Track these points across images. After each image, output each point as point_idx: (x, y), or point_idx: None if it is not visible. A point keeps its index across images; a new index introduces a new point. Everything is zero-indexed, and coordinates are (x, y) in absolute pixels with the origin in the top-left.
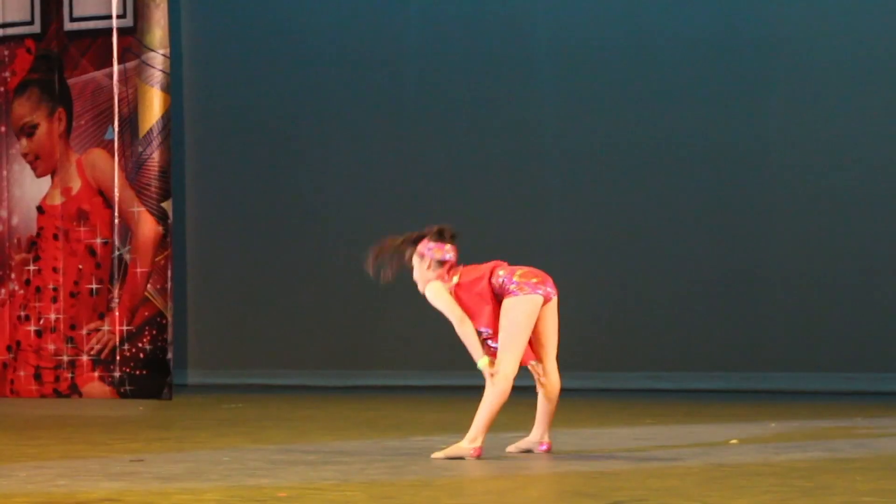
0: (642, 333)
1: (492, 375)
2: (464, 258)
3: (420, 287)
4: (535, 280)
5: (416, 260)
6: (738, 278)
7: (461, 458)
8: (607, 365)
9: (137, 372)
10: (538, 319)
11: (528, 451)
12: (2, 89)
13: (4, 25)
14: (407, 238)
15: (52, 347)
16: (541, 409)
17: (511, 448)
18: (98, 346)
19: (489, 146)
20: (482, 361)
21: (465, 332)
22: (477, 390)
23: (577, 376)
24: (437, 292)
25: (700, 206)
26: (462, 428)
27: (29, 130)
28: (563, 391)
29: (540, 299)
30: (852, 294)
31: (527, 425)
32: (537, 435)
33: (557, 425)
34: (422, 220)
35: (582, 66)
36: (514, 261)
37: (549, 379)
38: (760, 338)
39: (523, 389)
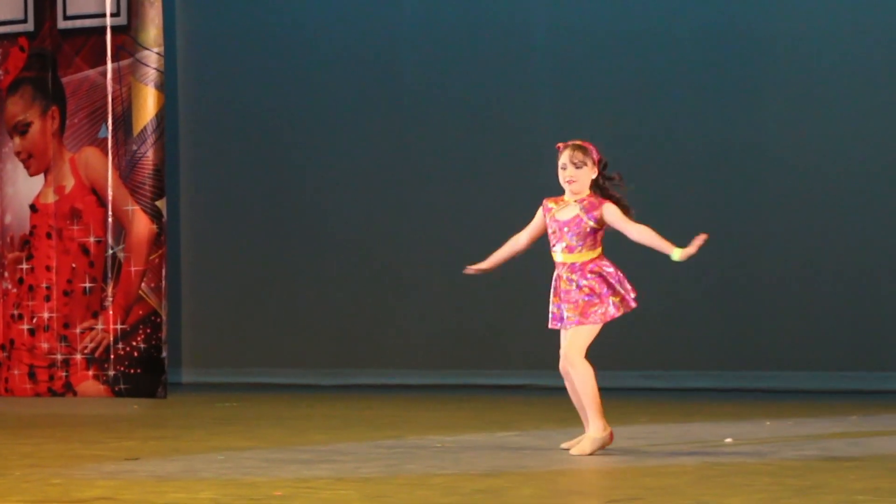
0: (637, 332)
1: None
2: (462, 257)
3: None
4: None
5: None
6: (732, 277)
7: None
8: (602, 363)
9: (132, 371)
10: None
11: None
12: None
13: None
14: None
15: (45, 346)
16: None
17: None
18: (92, 345)
19: (487, 145)
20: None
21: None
22: (474, 389)
23: None
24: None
25: (696, 204)
26: (460, 426)
27: (22, 129)
28: (557, 390)
29: None
30: (848, 293)
31: (522, 423)
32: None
33: (552, 424)
34: (419, 218)
35: (579, 65)
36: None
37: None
38: (756, 336)
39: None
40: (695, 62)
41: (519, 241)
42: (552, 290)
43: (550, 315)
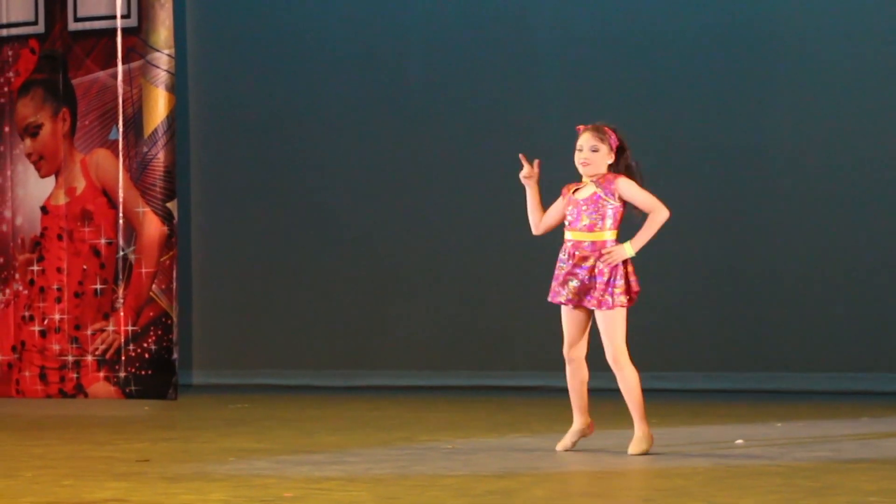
0: (646, 333)
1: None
2: (466, 256)
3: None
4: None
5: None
6: (743, 277)
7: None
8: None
9: (143, 372)
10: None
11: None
12: (6, 89)
13: (8, 25)
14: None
15: (56, 348)
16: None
17: (561, 446)
18: (103, 347)
19: (493, 145)
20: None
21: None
22: (484, 390)
23: None
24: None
25: (703, 204)
26: (471, 428)
27: (33, 131)
28: (568, 392)
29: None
30: (858, 293)
31: (533, 425)
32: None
33: (563, 426)
34: (428, 219)
35: (586, 64)
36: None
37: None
38: (766, 337)
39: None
40: (701, 62)
41: (541, 215)
42: (564, 267)
43: (559, 291)
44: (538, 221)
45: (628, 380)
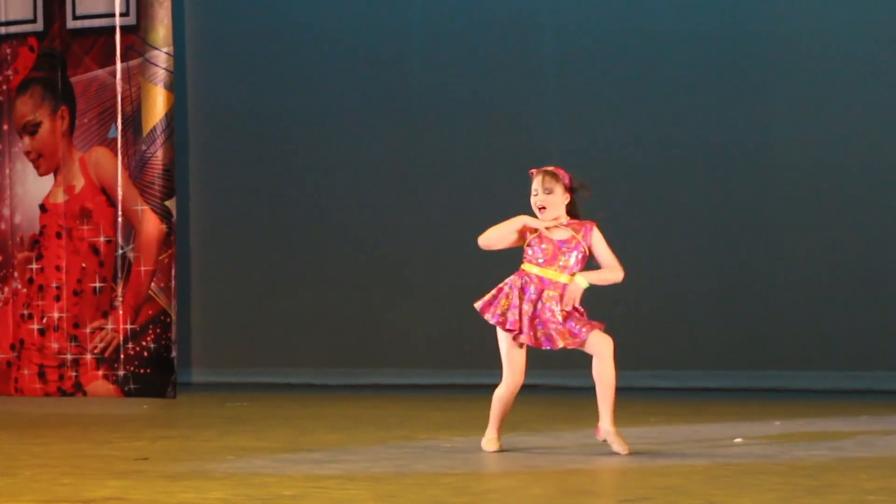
0: (646, 331)
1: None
2: (466, 255)
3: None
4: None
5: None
6: (742, 276)
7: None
8: None
9: (142, 370)
10: None
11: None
12: (4, 87)
13: (7, 23)
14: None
15: (55, 346)
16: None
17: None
18: (102, 345)
19: (493, 145)
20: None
21: None
22: (483, 389)
23: (580, 374)
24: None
25: (704, 203)
26: (470, 426)
27: (31, 129)
28: (567, 390)
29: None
30: (857, 292)
31: (531, 423)
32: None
33: (562, 424)
34: (428, 218)
35: (587, 65)
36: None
37: None
38: (765, 336)
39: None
40: (701, 61)
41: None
42: (527, 305)
43: (530, 333)
44: (500, 240)
45: (611, 376)
